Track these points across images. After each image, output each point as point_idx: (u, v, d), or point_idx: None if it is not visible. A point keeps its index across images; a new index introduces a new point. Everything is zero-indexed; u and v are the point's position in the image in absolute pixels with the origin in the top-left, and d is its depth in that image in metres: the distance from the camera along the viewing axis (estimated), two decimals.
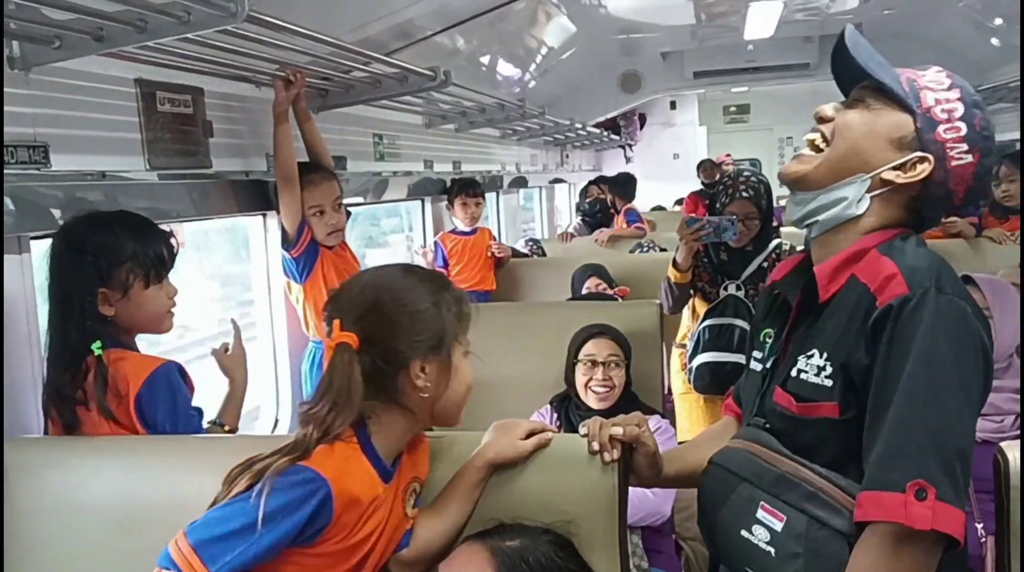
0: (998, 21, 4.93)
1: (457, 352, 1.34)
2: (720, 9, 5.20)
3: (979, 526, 2.08)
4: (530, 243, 5.20)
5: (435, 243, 4.29)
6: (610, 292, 3.63)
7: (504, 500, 1.41)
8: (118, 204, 1.98)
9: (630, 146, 9.61)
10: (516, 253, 4.95)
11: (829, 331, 1.28)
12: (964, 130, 1.29)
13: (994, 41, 5.21)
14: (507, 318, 3.04)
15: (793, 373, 1.31)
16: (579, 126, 6.22)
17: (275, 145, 2.56)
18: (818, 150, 1.34)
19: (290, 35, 2.08)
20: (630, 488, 2.18)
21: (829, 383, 1.26)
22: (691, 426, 3.17)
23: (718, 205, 3.02)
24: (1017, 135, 5.48)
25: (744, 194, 2.97)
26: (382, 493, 1.29)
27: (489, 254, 4.23)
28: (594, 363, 2.42)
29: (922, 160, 1.30)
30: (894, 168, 1.30)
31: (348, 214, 2.93)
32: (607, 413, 2.33)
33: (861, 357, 1.23)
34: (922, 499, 1.11)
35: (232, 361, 1.95)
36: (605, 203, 6.20)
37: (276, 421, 2.94)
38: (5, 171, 1.69)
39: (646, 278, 3.70)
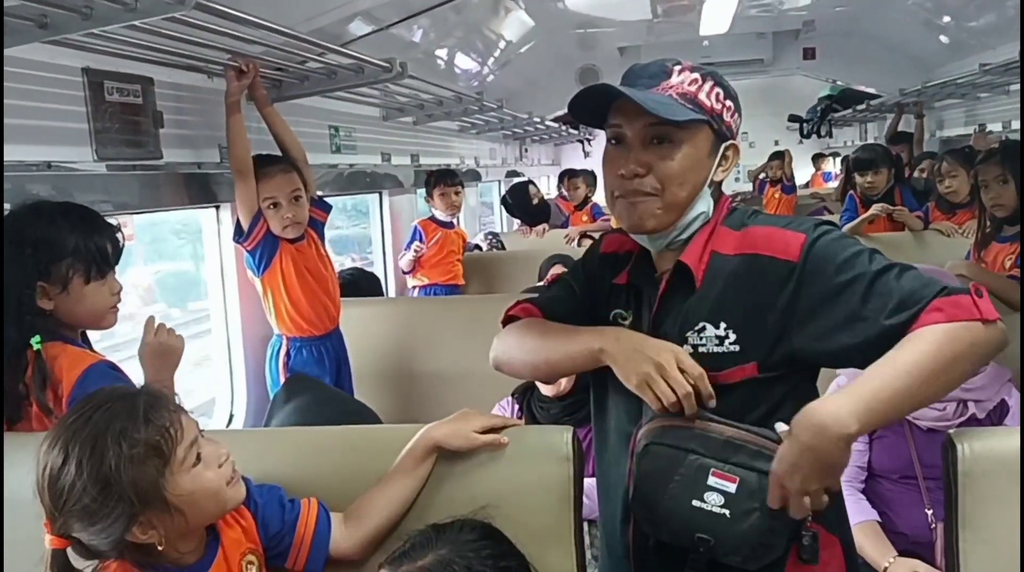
0: (946, 19, 5.03)
1: (172, 481, 1.17)
2: (675, 4, 5.24)
3: (929, 512, 2.12)
4: (489, 237, 5.20)
5: (414, 228, 4.34)
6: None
7: (457, 491, 1.41)
8: (65, 195, 1.93)
9: (588, 140, 9.63)
10: (475, 247, 4.96)
11: (720, 305, 1.35)
12: (731, 103, 1.40)
13: (942, 38, 5.31)
14: (466, 310, 3.05)
15: (686, 349, 1.35)
16: (537, 120, 6.22)
17: (228, 137, 2.52)
18: (652, 195, 1.38)
19: (241, 24, 2.04)
20: (594, 483, 2.19)
21: (736, 348, 1.34)
22: None
23: None
24: (961, 130, 5.61)
25: None
26: None
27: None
28: None
29: (729, 147, 1.41)
30: (717, 167, 1.41)
31: (327, 207, 2.90)
32: (565, 402, 2.34)
33: (795, 310, 1.32)
34: (981, 296, 1.24)
35: (146, 356, 1.79)
36: (546, 203, 6.07)
37: (231, 416, 2.91)
38: None
39: None
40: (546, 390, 2.42)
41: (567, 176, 6.32)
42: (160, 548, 1.19)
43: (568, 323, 1.49)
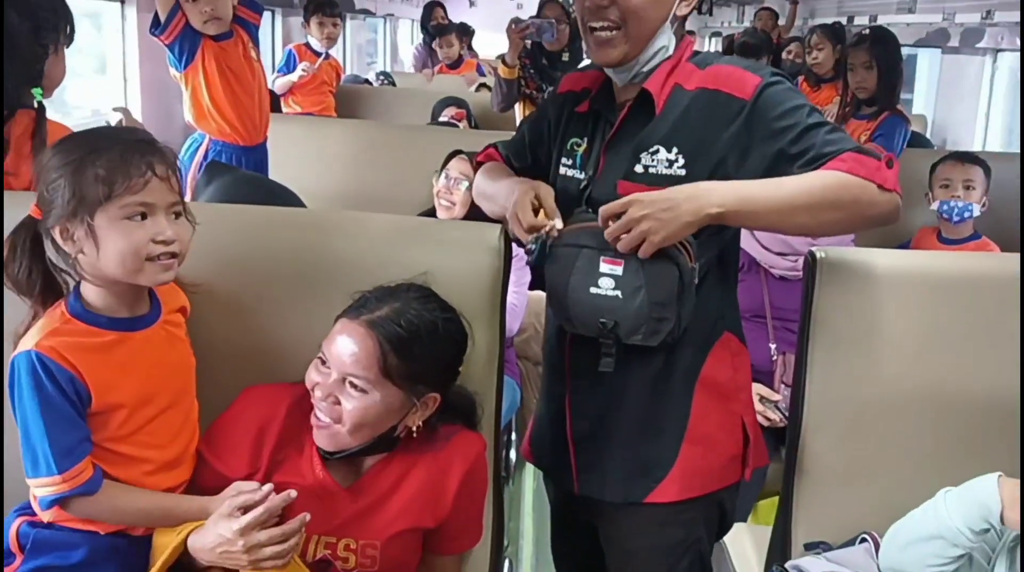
0: None
1: (104, 216, 1.24)
2: None
3: (773, 347, 2.45)
4: (380, 76, 5.18)
5: (288, 51, 4.24)
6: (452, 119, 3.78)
7: (394, 269, 1.48)
8: None
9: None
10: (365, 82, 4.93)
11: (675, 131, 1.49)
12: None
13: None
14: (369, 136, 3.11)
15: (637, 169, 1.51)
16: None
17: None
18: (616, 28, 1.49)
19: None
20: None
21: (683, 173, 1.48)
22: None
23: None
24: (831, 20, 5.90)
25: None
26: (138, 340, 1.34)
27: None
28: (447, 177, 2.63)
29: None
30: (680, 2, 1.50)
31: (258, 7, 2.84)
32: None
33: (738, 144, 1.46)
34: (891, 167, 1.40)
35: None
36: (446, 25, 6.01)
37: None
38: None
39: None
40: (441, 213, 2.64)
41: (439, 33, 5.83)
42: (76, 262, 1.26)
43: (532, 158, 1.69)
